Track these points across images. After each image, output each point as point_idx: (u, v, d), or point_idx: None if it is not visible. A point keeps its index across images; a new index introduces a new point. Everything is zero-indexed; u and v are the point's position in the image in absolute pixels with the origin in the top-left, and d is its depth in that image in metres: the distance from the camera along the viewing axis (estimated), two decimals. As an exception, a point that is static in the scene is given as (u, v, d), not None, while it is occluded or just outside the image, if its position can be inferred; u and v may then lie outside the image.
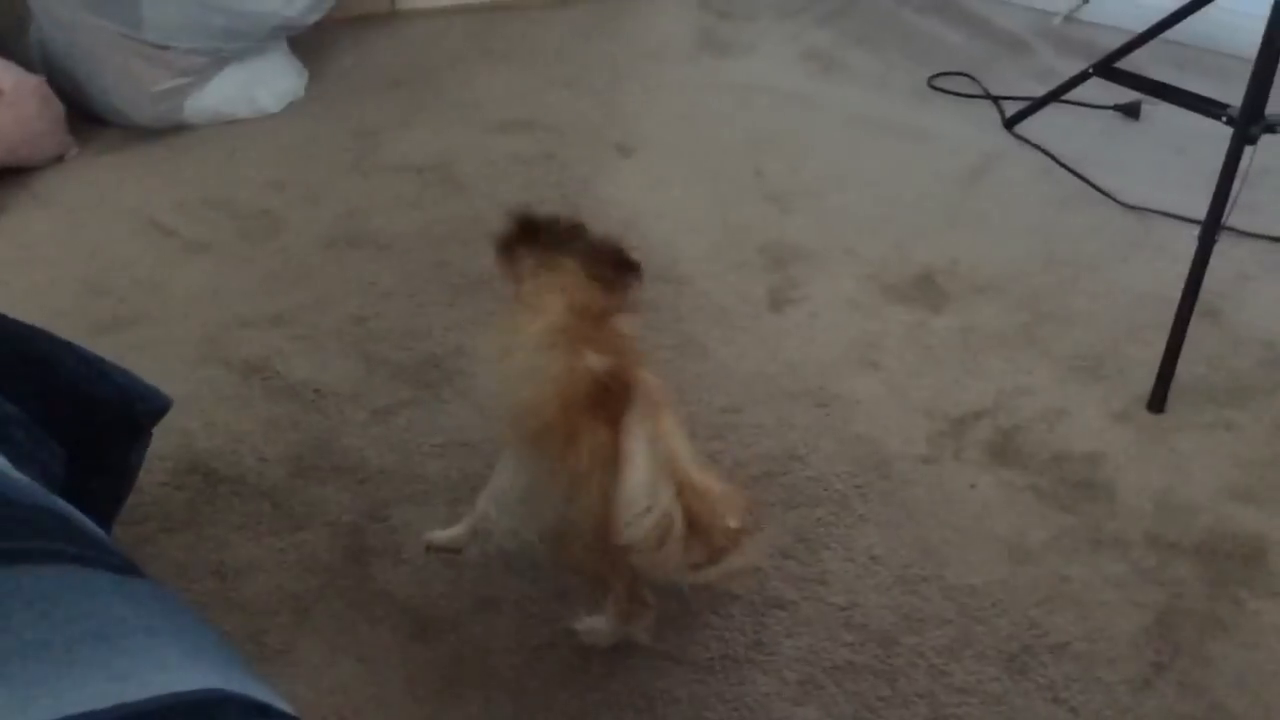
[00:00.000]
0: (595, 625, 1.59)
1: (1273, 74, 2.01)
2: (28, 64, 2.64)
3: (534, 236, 1.57)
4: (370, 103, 2.89)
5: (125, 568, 0.94)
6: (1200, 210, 2.02)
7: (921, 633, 1.65)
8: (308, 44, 2.97)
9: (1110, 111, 2.83)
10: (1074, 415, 2.00)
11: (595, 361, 1.45)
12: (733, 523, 1.46)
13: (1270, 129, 2.04)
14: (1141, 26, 2.51)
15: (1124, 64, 2.51)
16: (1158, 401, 2.00)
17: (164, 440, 1.80)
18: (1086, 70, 2.58)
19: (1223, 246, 2.01)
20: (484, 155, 2.68)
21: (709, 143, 2.75)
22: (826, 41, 3.19)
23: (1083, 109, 2.81)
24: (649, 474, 1.37)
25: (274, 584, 1.70)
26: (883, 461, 1.91)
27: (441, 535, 1.69)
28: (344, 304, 2.22)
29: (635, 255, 1.58)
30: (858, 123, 2.83)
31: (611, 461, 1.40)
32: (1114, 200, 2.53)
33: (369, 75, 3.01)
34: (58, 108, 2.59)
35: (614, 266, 1.55)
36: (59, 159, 2.63)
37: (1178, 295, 1.99)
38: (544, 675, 1.59)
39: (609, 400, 1.43)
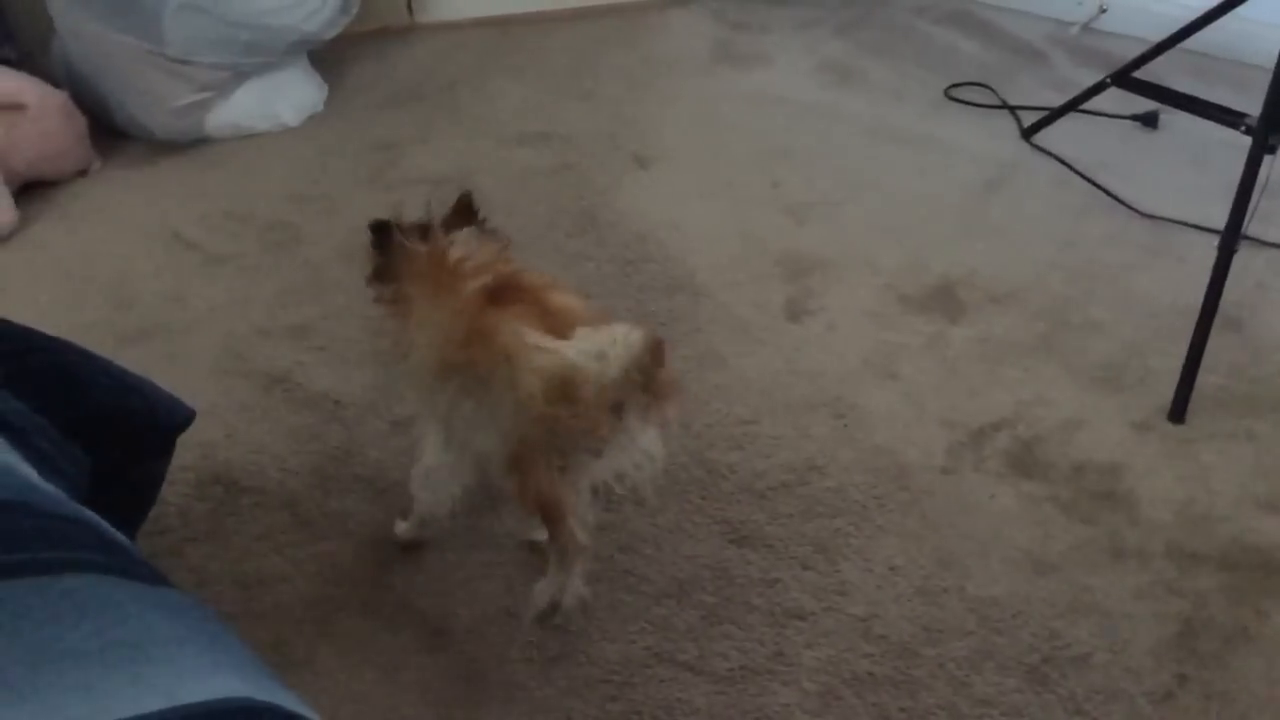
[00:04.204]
0: (542, 586, 1.60)
1: (1292, 83, 2.01)
2: (52, 79, 2.67)
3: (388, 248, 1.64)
4: (389, 116, 2.91)
5: (154, 577, 0.95)
6: (1219, 220, 2.01)
7: (942, 644, 1.64)
8: (327, 58, 3.00)
9: (1128, 121, 2.82)
10: (1094, 426, 2.00)
11: (474, 283, 1.53)
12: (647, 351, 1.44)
13: (1289, 138, 2.03)
14: (1159, 36, 2.51)
15: (1142, 73, 2.51)
16: (1178, 412, 2.00)
17: (186, 451, 1.82)
18: (1104, 80, 2.57)
19: (1242, 256, 2.00)
20: (502, 167, 2.69)
21: (726, 154, 2.76)
22: (842, 52, 3.20)
23: (1101, 119, 2.81)
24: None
25: (295, 594, 1.71)
26: (902, 472, 1.91)
27: (402, 529, 1.77)
28: (364, 315, 2.23)
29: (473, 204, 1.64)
30: (874, 133, 2.83)
31: (519, 336, 1.44)
32: (1132, 210, 2.53)
33: (388, 88, 3.04)
34: (81, 122, 2.62)
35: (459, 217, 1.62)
36: (82, 173, 2.66)
37: (1197, 305, 1.99)
38: (562, 685, 1.59)
39: (497, 296, 1.51)
